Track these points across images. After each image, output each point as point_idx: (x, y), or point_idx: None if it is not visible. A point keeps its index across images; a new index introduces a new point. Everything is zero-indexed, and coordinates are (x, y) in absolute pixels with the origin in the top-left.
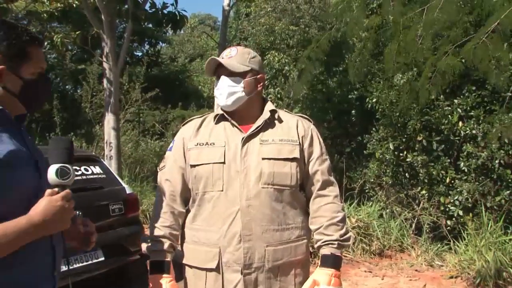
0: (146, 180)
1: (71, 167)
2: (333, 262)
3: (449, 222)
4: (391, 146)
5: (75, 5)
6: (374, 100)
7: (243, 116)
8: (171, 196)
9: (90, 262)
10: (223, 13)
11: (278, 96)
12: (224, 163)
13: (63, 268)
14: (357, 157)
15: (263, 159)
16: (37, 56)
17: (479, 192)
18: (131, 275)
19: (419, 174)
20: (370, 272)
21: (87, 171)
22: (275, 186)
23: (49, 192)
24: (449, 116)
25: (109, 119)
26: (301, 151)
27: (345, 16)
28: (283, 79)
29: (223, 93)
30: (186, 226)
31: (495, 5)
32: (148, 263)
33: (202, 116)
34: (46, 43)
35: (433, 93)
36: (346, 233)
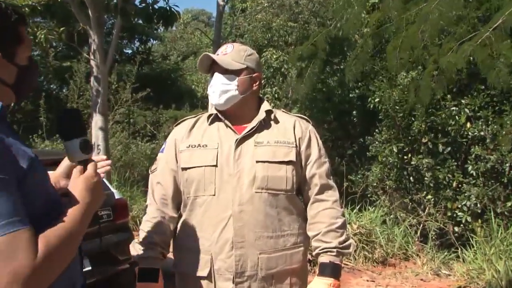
0: (136, 185)
1: (89, 141)
2: (332, 270)
3: (456, 229)
4: (395, 149)
5: None
6: (376, 100)
7: (237, 117)
8: (162, 200)
9: None
10: (217, 9)
11: (276, 96)
12: (216, 166)
13: None
14: (359, 160)
15: (257, 162)
16: (27, 37)
17: (488, 197)
18: (120, 285)
19: (424, 178)
20: (373, 281)
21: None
22: (269, 190)
23: (79, 170)
24: (456, 117)
25: (97, 120)
26: (298, 153)
27: (344, 12)
28: (281, 78)
29: (216, 90)
30: (178, 232)
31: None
32: (136, 270)
33: (195, 117)
34: None
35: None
36: (346, 240)
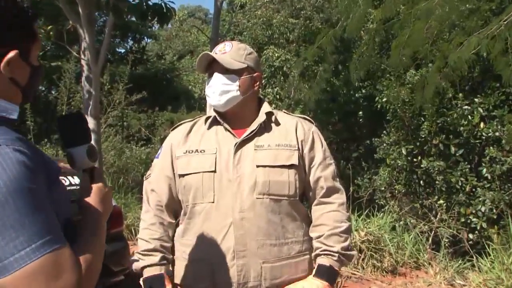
0: (131, 192)
1: (95, 148)
2: (329, 275)
3: (471, 236)
4: (404, 151)
5: None
6: (384, 100)
7: (237, 119)
8: (158, 207)
9: None
10: (215, 5)
11: (277, 97)
12: (215, 171)
13: None
14: (365, 163)
15: (257, 166)
16: (38, 35)
17: (504, 201)
18: None
19: (435, 182)
20: None
21: (64, 181)
22: (271, 196)
23: (88, 180)
24: (469, 117)
25: (88, 124)
26: (301, 156)
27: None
28: (282, 78)
29: (215, 91)
30: (176, 241)
31: None
32: (141, 282)
33: (192, 120)
34: None
35: (450, 91)
36: (349, 247)
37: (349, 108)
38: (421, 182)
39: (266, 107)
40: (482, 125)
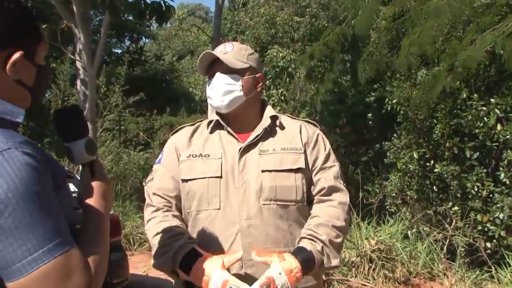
0: (129, 199)
1: (95, 141)
2: (304, 259)
3: (488, 245)
4: (416, 155)
5: None
6: (394, 101)
7: (240, 123)
8: (166, 207)
9: None
10: (216, 3)
11: (282, 99)
12: (221, 177)
13: None
14: (375, 168)
15: (262, 171)
16: (44, 36)
17: None
18: None
19: (449, 188)
20: None
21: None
22: (278, 202)
23: (89, 175)
24: (485, 118)
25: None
26: (306, 159)
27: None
28: (287, 79)
29: (218, 91)
30: None
31: None
32: (178, 268)
33: (193, 124)
34: None
35: (464, 91)
36: (338, 246)
37: (357, 110)
38: (434, 187)
39: (270, 111)
40: (499, 127)
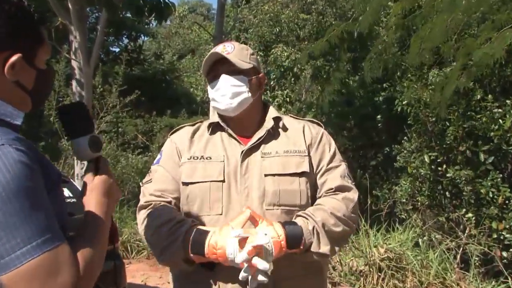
0: (127, 205)
1: (100, 138)
2: (293, 232)
3: (505, 254)
4: (427, 159)
5: None
6: (404, 102)
7: (242, 125)
8: (161, 203)
9: None
10: (218, 0)
11: (287, 100)
12: (224, 181)
13: None
14: (384, 172)
15: (265, 175)
16: (47, 39)
17: None
18: None
19: (463, 193)
20: None
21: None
22: (282, 207)
23: (90, 176)
24: (500, 120)
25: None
26: (310, 163)
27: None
28: (293, 79)
29: (226, 93)
30: None
31: None
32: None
33: (193, 125)
34: None
35: (478, 92)
36: (333, 236)
37: (366, 111)
38: (447, 193)
39: (272, 112)
40: None
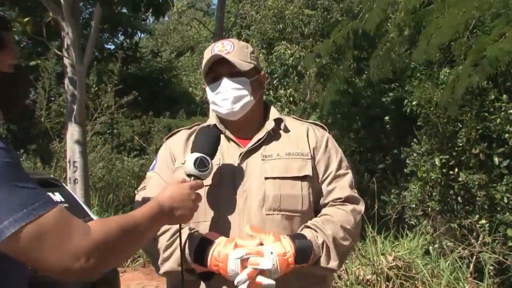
0: (121, 210)
1: (211, 161)
2: (303, 246)
3: None
4: (438, 162)
5: None
6: (414, 103)
7: (242, 127)
8: None
9: None
10: None
11: (291, 100)
12: (219, 185)
13: None
14: (393, 176)
15: (266, 178)
16: (12, 43)
17: None
18: None
19: (476, 198)
20: None
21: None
22: (283, 212)
23: (179, 179)
24: None
25: (72, 132)
26: (314, 167)
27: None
28: (296, 78)
29: (228, 97)
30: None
31: None
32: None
33: (190, 128)
34: None
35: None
36: (342, 250)
37: (373, 112)
38: (459, 198)
39: (274, 113)
40: None
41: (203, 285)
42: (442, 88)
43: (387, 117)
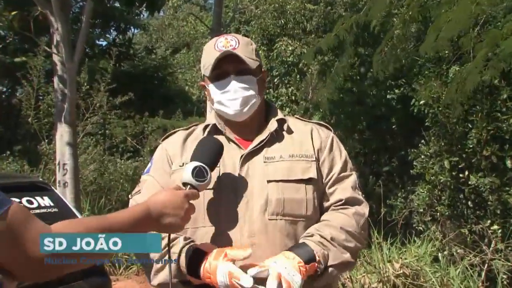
0: None
1: (210, 172)
2: (300, 249)
3: None
4: (447, 164)
5: None
6: (422, 102)
7: (243, 127)
8: None
9: None
10: None
11: (292, 99)
12: (219, 189)
13: None
14: (399, 179)
15: (268, 182)
16: None
17: None
18: None
19: (487, 203)
20: None
21: (31, 203)
22: (286, 217)
23: (174, 186)
24: None
25: (62, 133)
26: (318, 169)
27: None
28: (298, 76)
29: (236, 98)
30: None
31: None
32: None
33: (187, 129)
34: None
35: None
36: (347, 248)
37: (379, 112)
38: (469, 202)
39: (277, 113)
40: None
41: None
42: (451, 85)
43: (393, 118)
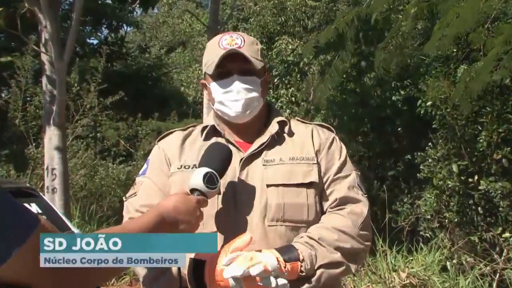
0: (105, 222)
1: (220, 180)
2: (287, 250)
3: None
4: (455, 168)
5: None
6: (429, 103)
7: (243, 129)
8: None
9: None
10: None
11: (293, 100)
12: (218, 193)
13: None
14: (405, 184)
15: (268, 186)
16: None
17: None
18: None
19: (498, 209)
20: None
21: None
22: (287, 223)
23: (185, 191)
24: None
25: (51, 136)
26: (320, 171)
27: None
28: (299, 76)
29: (239, 99)
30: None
31: None
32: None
33: (185, 129)
34: None
35: None
36: (341, 249)
37: (384, 113)
38: (479, 209)
39: (278, 115)
40: None
41: None
42: (459, 84)
43: (398, 120)
